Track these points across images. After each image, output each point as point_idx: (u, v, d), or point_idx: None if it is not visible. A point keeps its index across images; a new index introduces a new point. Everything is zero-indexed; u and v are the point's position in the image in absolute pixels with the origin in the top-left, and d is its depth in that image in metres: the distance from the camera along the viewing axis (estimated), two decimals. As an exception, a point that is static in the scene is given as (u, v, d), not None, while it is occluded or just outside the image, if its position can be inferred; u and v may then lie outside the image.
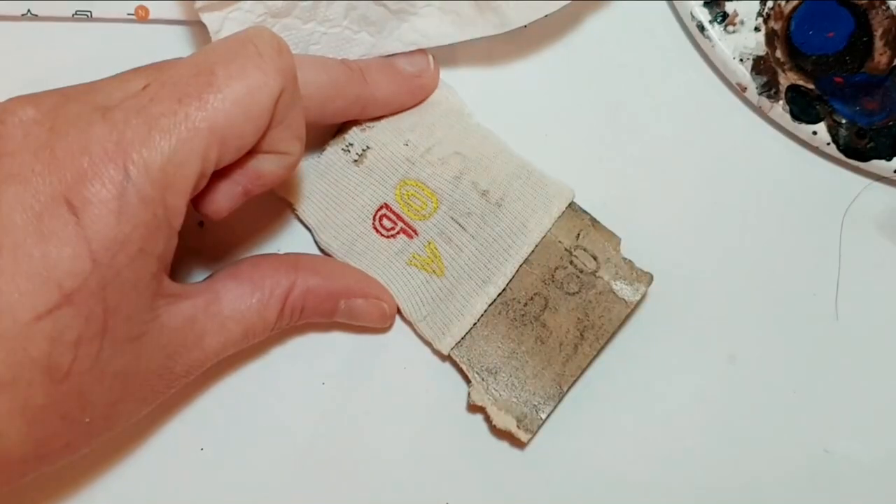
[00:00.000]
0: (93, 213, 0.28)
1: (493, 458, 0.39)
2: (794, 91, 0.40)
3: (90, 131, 0.29)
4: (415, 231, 0.39)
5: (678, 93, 0.41)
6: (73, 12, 0.39)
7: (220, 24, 0.36)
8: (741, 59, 0.40)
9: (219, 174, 0.32)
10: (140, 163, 0.28)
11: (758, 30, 0.40)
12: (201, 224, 0.39)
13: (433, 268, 0.38)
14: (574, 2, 0.40)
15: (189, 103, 0.29)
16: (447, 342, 0.38)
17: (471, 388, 0.38)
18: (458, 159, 0.39)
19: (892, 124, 0.39)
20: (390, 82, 0.38)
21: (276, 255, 0.38)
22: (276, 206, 0.40)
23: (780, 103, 0.39)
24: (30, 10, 0.39)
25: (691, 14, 0.40)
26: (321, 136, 0.40)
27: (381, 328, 0.39)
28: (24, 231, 0.28)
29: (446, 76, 0.40)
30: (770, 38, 0.40)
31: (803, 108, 0.39)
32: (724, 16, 0.40)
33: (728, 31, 0.40)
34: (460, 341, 0.38)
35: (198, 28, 0.40)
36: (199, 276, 0.38)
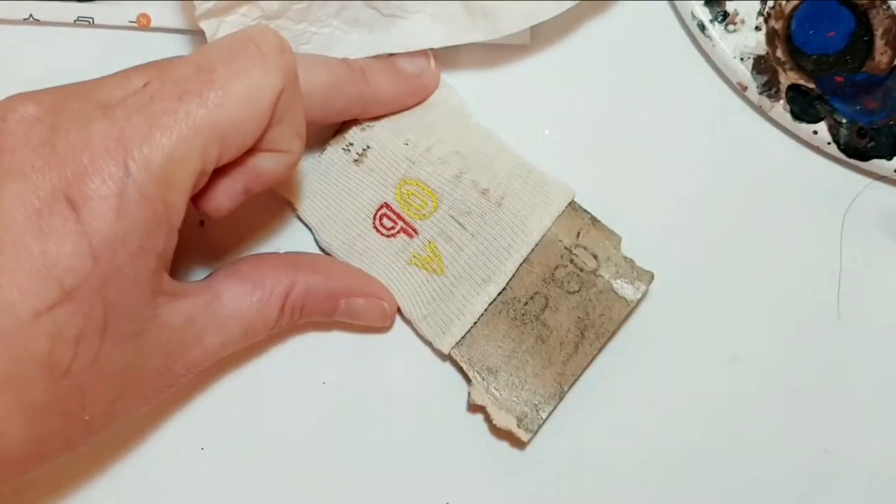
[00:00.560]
0: (93, 209, 0.28)
1: (493, 457, 0.39)
2: (794, 90, 0.39)
3: (91, 128, 0.29)
4: (415, 230, 0.39)
5: (679, 92, 0.41)
6: (75, 18, 0.39)
7: (216, 28, 0.36)
8: (742, 59, 0.40)
9: (219, 172, 0.32)
10: (140, 160, 0.29)
11: (758, 29, 0.40)
12: (202, 223, 0.39)
13: (433, 267, 0.39)
14: (573, 1, 0.40)
15: (190, 101, 0.29)
16: (447, 341, 0.38)
17: (471, 387, 0.38)
18: (457, 158, 0.39)
19: (892, 123, 0.39)
20: (391, 82, 0.38)
21: (276, 254, 0.38)
22: (277, 205, 0.40)
23: (781, 103, 0.39)
24: (32, 15, 0.39)
25: (692, 13, 0.40)
26: (322, 135, 0.40)
27: (382, 327, 0.39)
28: (24, 227, 0.28)
29: (447, 76, 0.40)
30: (771, 37, 0.40)
31: (804, 107, 0.39)
32: (725, 15, 0.40)
33: (729, 31, 0.40)
34: (460, 340, 0.38)
35: (199, 36, 0.40)
36: (200, 275, 0.38)
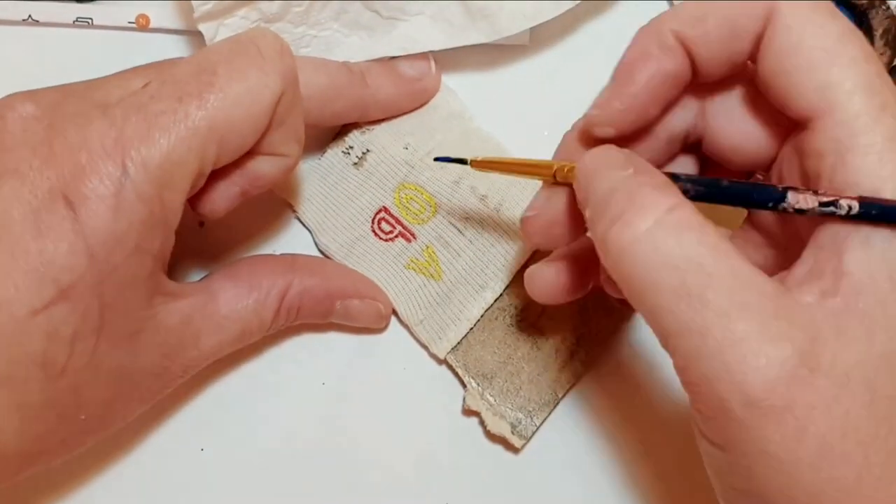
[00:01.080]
0: (90, 208, 0.28)
1: (492, 458, 0.39)
2: (794, 90, 0.39)
3: (89, 127, 0.29)
4: (413, 235, 0.39)
5: (678, 92, 0.41)
6: (74, 19, 0.40)
7: (214, 31, 0.36)
8: (741, 59, 0.39)
9: (217, 174, 0.32)
10: (138, 160, 0.29)
11: (757, 29, 0.40)
12: (201, 224, 0.39)
13: (431, 272, 0.39)
14: (573, 2, 0.40)
15: (189, 102, 0.29)
16: (443, 346, 0.38)
17: (466, 392, 0.38)
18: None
19: (892, 122, 0.39)
20: (391, 85, 0.38)
21: (273, 255, 0.38)
22: (275, 206, 0.40)
23: (781, 102, 0.39)
24: (31, 16, 0.39)
25: (691, 14, 0.40)
26: (322, 138, 0.40)
27: (377, 328, 0.39)
28: (21, 226, 0.28)
29: (447, 77, 0.41)
30: (770, 37, 0.40)
31: (803, 107, 0.39)
32: (724, 16, 0.40)
33: (728, 31, 0.40)
34: (456, 346, 0.38)
35: (198, 37, 0.40)
36: (199, 275, 0.38)
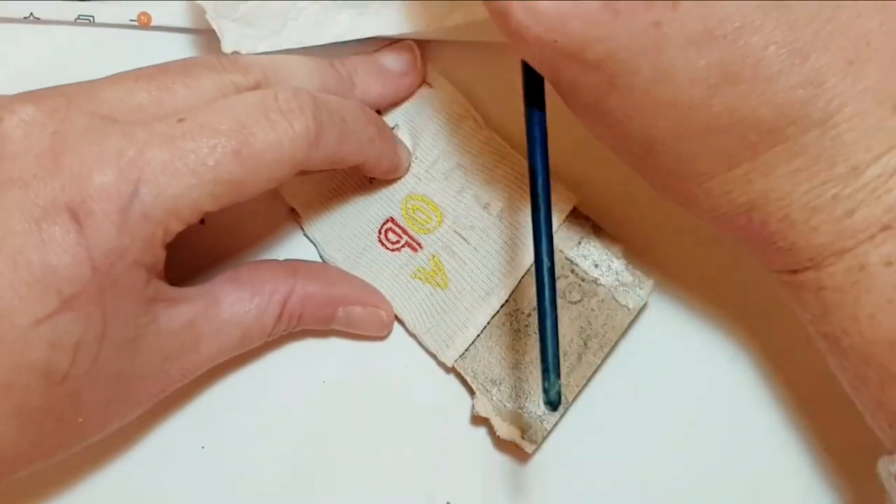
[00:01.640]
0: (95, 223, 0.28)
1: (494, 458, 0.39)
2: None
3: (104, 143, 0.29)
4: (419, 244, 0.39)
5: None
6: (76, 16, 0.39)
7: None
8: (742, 61, 0.39)
9: None
10: (154, 184, 0.29)
11: (759, 31, 0.40)
12: (202, 222, 0.39)
13: (437, 280, 0.39)
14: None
15: (224, 154, 0.30)
16: (451, 354, 0.38)
17: (475, 399, 0.38)
18: (460, 173, 0.39)
19: (893, 126, 0.39)
20: (379, 84, 0.38)
21: (275, 260, 0.38)
22: (276, 207, 0.40)
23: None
24: (32, 13, 0.39)
25: (693, 15, 0.40)
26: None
27: (379, 336, 0.39)
28: (24, 237, 0.28)
29: (446, 76, 0.40)
30: (771, 39, 0.40)
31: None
32: (726, 17, 0.40)
33: (729, 33, 0.40)
34: (464, 353, 0.38)
35: (199, 35, 0.41)
36: (199, 277, 0.38)
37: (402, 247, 0.39)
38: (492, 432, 0.37)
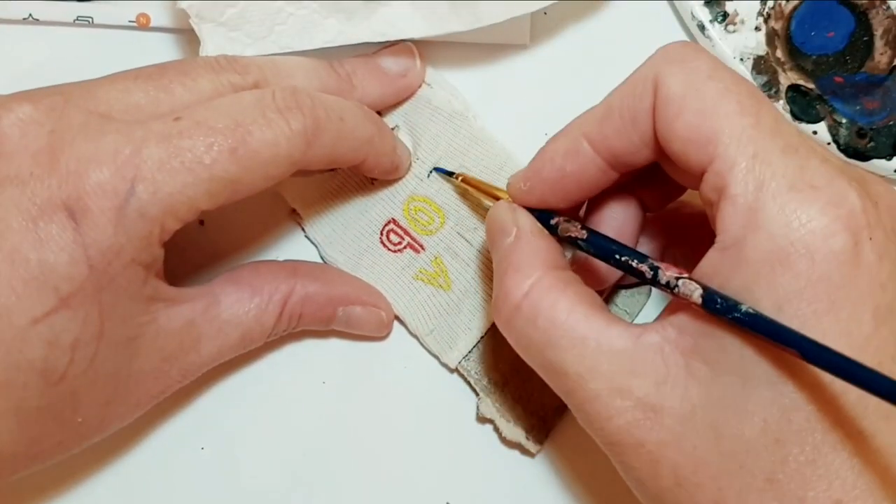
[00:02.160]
0: (92, 220, 0.28)
1: (493, 458, 0.39)
2: (794, 91, 0.39)
3: (101, 141, 0.29)
4: (422, 246, 0.39)
5: (678, 93, 0.41)
6: (75, 18, 0.39)
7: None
8: (741, 59, 0.40)
9: None
10: (150, 182, 0.29)
11: (758, 29, 0.40)
12: (202, 222, 0.39)
13: (440, 282, 0.39)
14: (573, 1, 0.40)
15: (221, 153, 0.30)
16: (454, 356, 0.38)
17: (479, 400, 0.38)
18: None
19: (892, 124, 0.39)
20: (377, 85, 0.38)
21: (275, 261, 0.38)
22: (276, 208, 0.40)
23: (781, 103, 0.39)
24: (31, 14, 0.39)
25: (692, 13, 0.40)
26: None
27: (378, 337, 0.39)
28: (21, 235, 0.28)
29: (447, 76, 0.40)
30: (770, 37, 0.40)
31: (803, 107, 0.39)
32: (725, 15, 0.40)
33: (728, 31, 0.40)
34: (467, 354, 0.38)
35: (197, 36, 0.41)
36: (199, 276, 0.38)
37: (405, 248, 0.39)
38: (493, 433, 0.38)
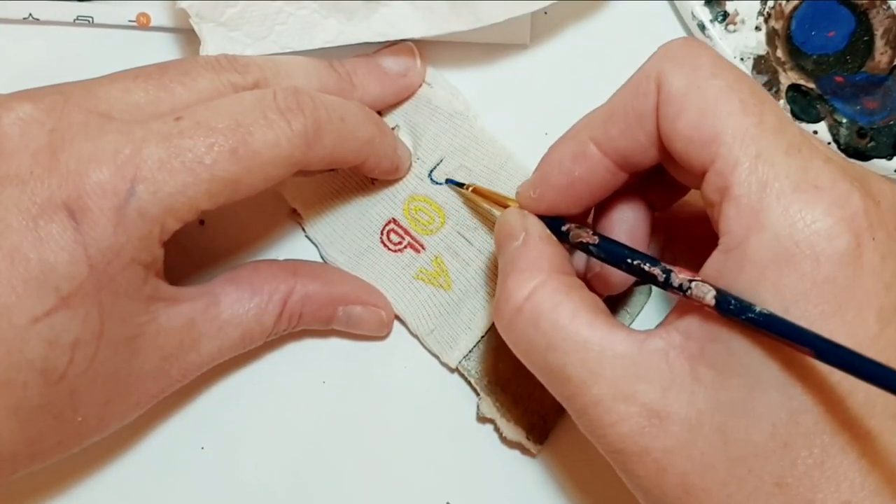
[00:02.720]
0: (92, 220, 0.28)
1: (493, 457, 0.39)
2: (794, 90, 0.39)
3: (101, 140, 0.29)
4: (422, 245, 0.39)
5: (678, 93, 0.41)
6: (75, 17, 0.39)
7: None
8: (742, 59, 0.40)
9: None
10: (150, 182, 0.29)
11: (758, 29, 0.40)
12: (202, 222, 0.39)
13: (440, 282, 0.38)
14: (573, 1, 0.40)
15: (221, 153, 0.30)
16: (455, 355, 0.38)
17: (479, 400, 0.38)
18: (463, 173, 0.39)
19: (892, 123, 0.39)
20: (378, 85, 0.38)
21: (275, 260, 0.38)
22: (277, 208, 0.40)
23: (781, 103, 0.39)
24: (31, 14, 0.39)
25: (692, 13, 0.40)
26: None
27: (378, 336, 0.39)
28: (21, 234, 0.28)
29: (447, 76, 0.40)
30: (771, 37, 0.40)
31: (804, 107, 0.39)
32: (725, 15, 0.40)
33: (729, 31, 0.40)
34: (467, 354, 0.38)
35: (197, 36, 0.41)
36: (199, 276, 0.38)
37: (405, 248, 0.39)
38: (493, 432, 0.37)
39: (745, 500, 0.26)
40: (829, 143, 0.39)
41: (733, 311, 0.26)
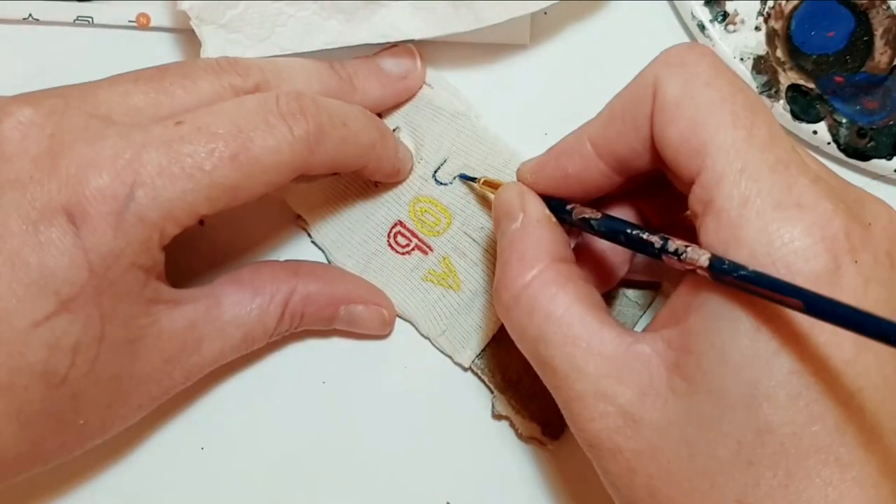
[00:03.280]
0: (91, 225, 0.28)
1: (493, 457, 0.39)
2: (794, 90, 0.39)
3: (100, 145, 0.29)
4: (429, 247, 0.39)
5: (678, 92, 0.41)
6: (75, 17, 0.39)
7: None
8: (742, 59, 0.39)
9: None
10: (150, 187, 0.29)
11: (758, 29, 0.40)
12: (202, 222, 0.39)
13: (449, 282, 0.39)
14: (573, 1, 0.40)
15: (221, 159, 0.30)
16: (467, 355, 0.38)
17: (494, 398, 0.38)
18: (467, 173, 0.39)
19: (892, 123, 0.39)
20: (378, 87, 0.38)
21: (276, 261, 0.38)
22: (280, 210, 0.40)
23: (781, 103, 0.39)
24: (31, 14, 0.39)
25: (692, 13, 0.40)
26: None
27: (380, 335, 0.39)
28: (21, 239, 0.28)
29: (447, 76, 0.40)
30: (770, 37, 0.40)
31: (804, 107, 0.39)
32: (725, 15, 0.40)
33: (729, 31, 0.40)
34: (480, 353, 0.38)
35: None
36: (200, 277, 0.38)
37: (412, 250, 0.39)
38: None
39: None
40: (828, 143, 0.39)
41: (727, 271, 0.26)
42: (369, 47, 0.39)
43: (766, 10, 0.40)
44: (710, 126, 0.27)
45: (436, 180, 0.39)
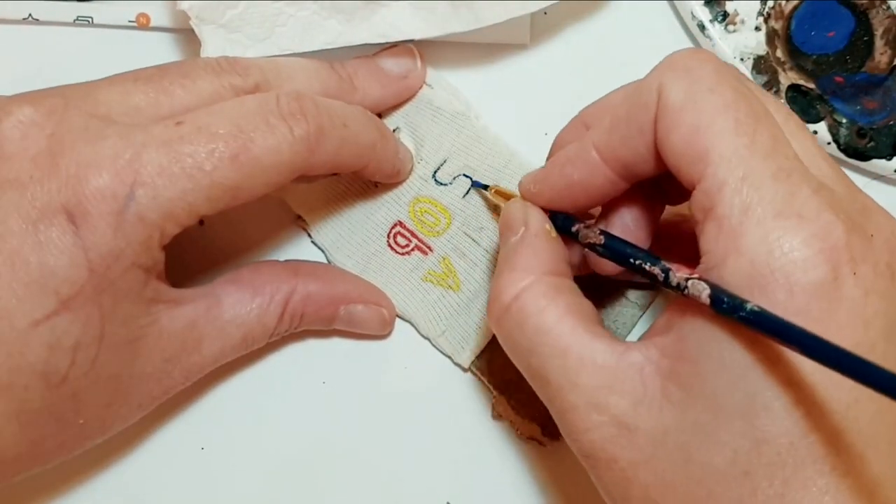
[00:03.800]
0: (91, 224, 0.28)
1: (493, 456, 0.39)
2: (794, 90, 0.39)
3: (100, 144, 0.29)
4: (429, 247, 0.39)
5: (678, 93, 0.41)
6: (75, 17, 0.39)
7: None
8: (742, 59, 0.40)
9: None
10: (150, 187, 0.29)
11: (758, 29, 0.40)
12: (201, 222, 0.39)
13: (449, 283, 0.39)
14: (573, 1, 0.40)
15: (222, 159, 0.30)
16: (467, 356, 0.38)
17: (494, 398, 0.38)
18: (467, 173, 0.39)
19: (892, 123, 0.39)
20: (378, 87, 0.38)
21: (276, 261, 0.38)
22: (281, 211, 0.40)
23: (781, 103, 0.39)
24: (31, 14, 0.39)
25: (692, 13, 0.40)
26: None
27: (380, 335, 0.39)
28: (21, 238, 0.28)
29: (447, 76, 0.40)
30: (770, 37, 0.40)
31: (804, 107, 0.39)
32: (725, 15, 0.40)
33: (729, 31, 0.40)
34: (480, 354, 0.38)
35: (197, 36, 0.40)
36: (200, 277, 0.38)
37: (412, 250, 0.39)
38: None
39: None
40: (828, 144, 0.39)
41: (726, 310, 0.26)
42: (369, 47, 0.39)
43: (766, 10, 0.40)
44: (711, 133, 0.27)
45: (436, 181, 0.39)
